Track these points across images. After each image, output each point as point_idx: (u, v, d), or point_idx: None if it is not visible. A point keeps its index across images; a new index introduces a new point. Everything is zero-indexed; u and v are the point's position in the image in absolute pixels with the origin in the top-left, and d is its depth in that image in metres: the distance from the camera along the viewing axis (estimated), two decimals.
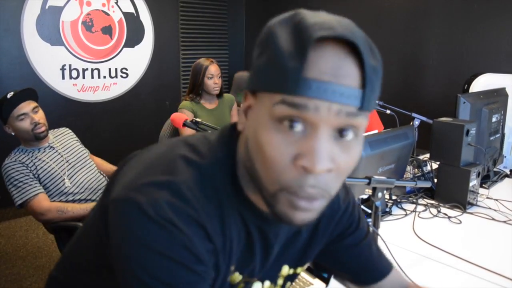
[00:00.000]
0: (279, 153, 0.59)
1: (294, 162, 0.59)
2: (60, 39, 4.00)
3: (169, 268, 0.62)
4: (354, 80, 0.58)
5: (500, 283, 1.30)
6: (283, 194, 0.61)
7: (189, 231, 0.63)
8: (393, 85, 4.06)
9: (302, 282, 1.23)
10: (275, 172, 0.60)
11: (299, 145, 0.59)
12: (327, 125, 0.58)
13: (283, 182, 0.61)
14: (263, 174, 0.63)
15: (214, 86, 3.00)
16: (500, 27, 3.29)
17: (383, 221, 1.77)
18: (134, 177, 0.67)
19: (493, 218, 1.81)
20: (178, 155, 0.69)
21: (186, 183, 0.66)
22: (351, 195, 0.94)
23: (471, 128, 1.91)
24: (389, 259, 0.99)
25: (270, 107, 0.59)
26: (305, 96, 0.56)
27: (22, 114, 2.18)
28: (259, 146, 0.61)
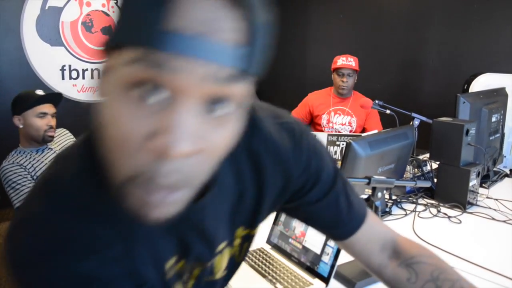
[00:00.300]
0: (127, 131, 0.45)
1: (147, 143, 0.45)
2: (60, 39, 4.00)
3: None
4: (232, 35, 0.45)
5: (501, 283, 1.30)
6: (133, 185, 0.47)
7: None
8: (392, 85, 4.06)
9: (302, 282, 1.24)
10: (122, 156, 0.47)
11: (154, 120, 0.44)
12: (193, 94, 0.44)
13: (132, 169, 0.47)
14: (108, 161, 0.49)
15: None
16: (500, 27, 3.28)
17: (383, 221, 1.77)
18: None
19: (493, 217, 1.81)
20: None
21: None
22: (306, 144, 0.74)
23: (471, 128, 1.91)
24: (364, 207, 0.86)
25: (120, 70, 0.45)
26: (163, 51, 0.42)
27: (43, 113, 2.23)
28: (104, 123, 0.48)
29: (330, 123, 3.21)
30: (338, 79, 3.15)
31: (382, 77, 4.14)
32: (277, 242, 1.45)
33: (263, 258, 1.38)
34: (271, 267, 1.33)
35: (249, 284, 1.25)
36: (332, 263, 1.23)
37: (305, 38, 4.85)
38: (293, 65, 5.03)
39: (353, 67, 3.10)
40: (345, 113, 3.20)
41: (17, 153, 2.23)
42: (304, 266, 1.31)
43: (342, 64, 3.11)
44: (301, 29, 4.86)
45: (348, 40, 4.39)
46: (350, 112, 3.19)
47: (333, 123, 3.20)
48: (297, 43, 4.94)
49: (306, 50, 4.86)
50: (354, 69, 3.12)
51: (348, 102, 3.22)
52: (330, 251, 1.25)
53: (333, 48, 4.52)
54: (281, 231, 1.45)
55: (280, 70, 5.21)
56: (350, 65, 3.10)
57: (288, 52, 5.06)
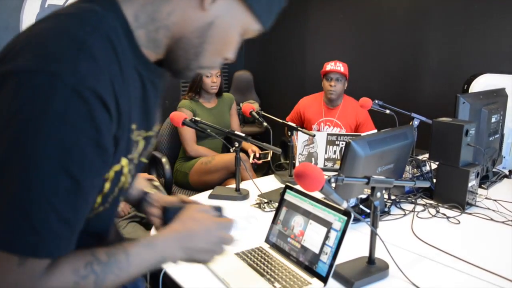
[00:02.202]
0: (231, 41, 0.82)
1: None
2: None
3: (82, 144, 0.62)
4: None
5: (499, 284, 1.30)
6: (199, 69, 0.82)
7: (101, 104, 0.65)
8: (392, 85, 4.06)
9: (300, 282, 1.23)
10: (218, 58, 0.84)
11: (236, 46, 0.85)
12: None
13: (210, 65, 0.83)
14: (206, 53, 0.80)
15: (212, 85, 2.98)
16: (500, 27, 3.28)
17: (382, 221, 1.77)
18: (40, 46, 0.63)
19: (492, 218, 1.81)
20: (76, 25, 0.66)
21: (96, 48, 0.65)
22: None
23: (470, 128, 1.90)
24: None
25: (246, 25, 0.83)
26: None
27: None
28: (227, 40, 0.81)
29: None
30: (327, 84, 3.16)
31: (382, 77, 4.13)
32: (275, 241, 1.45)
33: (261, 257, 1.38)
34: (270, 266, 1.32)
35: (247, 283, 1.25)
36: (331, 262, 1.22)
37: (305, 38, 4.85)
38: (292, 65, 5.02)
39: (341, 71, 3.11)
40: (334, 124, 3.20)
41: None
42: (303, 265, 1.30)
43: (331, 69, 3.12)
44: (301, 29, 4.86)
45: (348, 40, 4.39)
46: (339, 123, 3.19)
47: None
48: (297, 43, 4.94)
49: (306, 50, 4.85)
50: (343, 74, 3.12)
51: (336, 111, 3.22)
52: (328, 250, 1.25)
53: (333, 48, 4.52)
54: (279, 230, 1.44)
55: (280, 70, 5.21)
56: (339, 70, 3.10)
57: (288, 52, 5.06)
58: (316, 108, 3.26)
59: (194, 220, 0.88)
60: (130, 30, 0.73)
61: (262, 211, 1.88)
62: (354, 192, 1.70)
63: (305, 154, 2.50)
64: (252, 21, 0.81)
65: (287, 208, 1.45)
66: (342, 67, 3.12)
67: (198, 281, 1.29)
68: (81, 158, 0.62)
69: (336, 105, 3.23)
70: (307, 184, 1.11)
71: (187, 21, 0.76)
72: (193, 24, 0.76)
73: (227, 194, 2.04)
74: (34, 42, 0.64)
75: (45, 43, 0.63)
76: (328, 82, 3.15)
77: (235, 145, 2.05)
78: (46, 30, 0.65)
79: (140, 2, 0.74)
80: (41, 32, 0.66)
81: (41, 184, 0.60)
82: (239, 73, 5.34)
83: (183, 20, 0.75)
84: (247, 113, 2.43)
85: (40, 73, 0.59)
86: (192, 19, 0.76)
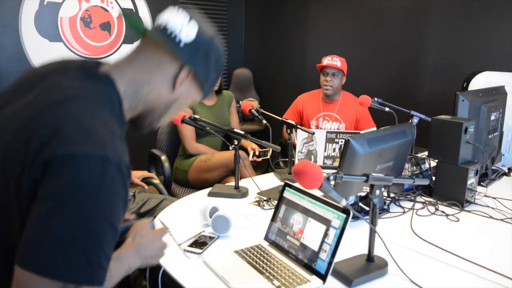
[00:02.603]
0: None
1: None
2: (59, 35, 3.99)
3: (120, 204, 0.87)
4: None
5: (498, 281, 1.30)
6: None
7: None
8: (392, 82, 4.06)
9: (299, 279, 1.23)
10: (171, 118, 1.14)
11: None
12: None
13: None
14: (166, 117, 1.09)
15: None
16: (500, 25, 3.28)
17: (381, 218, 1.77)
18: (92, 134, 0.84)
19: (491, 216, 1.81)
20: (103, 112, 0.91)
21: (118, 129, 0.92)
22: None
23: (469, 126, 1.90)
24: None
25: (196, 96, 1.10)
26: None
27: None
28: (182, 107, 1.11)
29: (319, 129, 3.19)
30: (323, 78, 3.13)
31: (381, 75, 4.13)
32: (274, 239, 1.45)
33: (260, 255, 1.38)
34: (269, 264, 1.33)
35: (246, 280, 1.25)
36: (330, 260, 1.23)
37: (304, 36, 4.85)
38: (292, 62, 5.02)
39: (338, 66, 3.06)
40: (333, 119, 3.17)
41: None
42: (302, 263, 1.31)
43: (327, 64, 3.08)
44: (300, 26, 4.85)
45: (347, 38, 4.38)
46: (338, 118, 3.17)
47: (321, 129, 3.18)
48: (296, 41, 4.93)
49: (305, 47, 4.85)
50: (339, 69, 3.07)
51: (335, 106, 3.19)
52: (327, 248, 1.25)
53: (332, 45, 4.51)
54: (279, 228, 1.44)
55: (279, 67, 5.20)
56: (335, 65, 3.06)
57: (287, 50, 5.05)
58: (314, 103, 3.24)
59: (141, 236, 1.18)
60: (121, 101, 0.97)
61: (261, 208, 1.88)
62: (353, 190, 1.70)
63: (304, 152, 2.50)
64: (199, 95, 1.11)
65: (286, 205, 1.45)
66: (339, 62, 3.07)
67: (197, 279, 1.29)
68: (119, 213, 0.87)
69: (334, 100, 3.20)
70: (306, 182, 1.11)
71: (160, 98, 1.04)
72: (164, 100, 1.05)
73: (226, 192, 2.04)
74: (80, 129, 0.84)
75: (90, 131, 0.84)
76: (324, 77, 3.12)
77: (234, 143, 2.05)
78: (84, 116, 0.87)
79: (128, 81, 0.98)
80: (80, 117, 0.86)
81: (97, 235, 0.83)
82: (238, 71, 5.33)
83: (158, 97, 1.04)
84: (246, 111, 2.43)
85: (96, 158, 0.82)
86: (164, 97, 1.05)
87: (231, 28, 5.39)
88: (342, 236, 1.23)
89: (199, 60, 1.03)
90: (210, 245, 1.49)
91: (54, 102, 0.88)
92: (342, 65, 3.09)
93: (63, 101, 0.88)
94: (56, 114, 0.86)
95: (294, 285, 1.21)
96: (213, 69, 1.07)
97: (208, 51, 1.04)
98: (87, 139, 0.83)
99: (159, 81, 1.02)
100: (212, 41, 1.05)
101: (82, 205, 0.80)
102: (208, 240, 1.52)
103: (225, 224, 1.56)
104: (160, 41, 1.00)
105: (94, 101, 0.91)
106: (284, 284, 1.21)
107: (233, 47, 5.45)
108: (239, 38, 5.56)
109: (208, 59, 1.05)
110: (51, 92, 0.91)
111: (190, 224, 1.67)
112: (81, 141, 0.82)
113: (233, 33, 5.44)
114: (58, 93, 0.90)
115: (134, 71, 1.00)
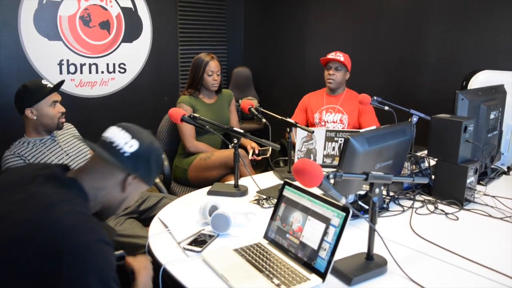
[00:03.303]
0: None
1: None
2: (58, 34, 3.99)
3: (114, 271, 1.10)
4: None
5: (497, 280, 1.30)
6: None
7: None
8: (391, 81, 4.06)
9: (299, 277, 1.24)
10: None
11: None
12: None
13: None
14: (119, 209, 1.34)
15: (213, 83, 2.98)
16: (499, 24, 3.28)
17: (380, 217, 1.77)
18: (84, 227, 1.08)
19: (490, 215, 1.81)
20: (84, 207, 1.19)
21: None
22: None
23: (469, 124, 1.91)
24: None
25: (144, 188, 1.34)
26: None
27: (55, 101, 2.27)
28: (133, 200, 1.37)
29: (322, 122, 3.21)
30: (326, 73, 3.19)
31: (381, 74, 4.13)
32: (274, 237, 1.45)
33: (260, 253, 1.38)
34: (268, 262, 1.33)
35: (246, 279, 1.25)
36: (329, 258, 1.23)
37: (304, 34, 4.84)
38: (291, 61, 5.01)
39: (341, 61, 3.11)
40: (336, 111, 3.20)
41: (20, 143, 2.23)
42: (301, 261, 1.31)
43: (330, 58, 3.14)
44: (300, 25, 4.85)
45: (347, 36, 4.38)
46: (341, 109, 3.19)
47: (324, 121, 3.20)
48: (296, 39, 4.93)
49: (305, 46, 4.85)
50: (343, 63, 3.13)
51: (339, 99, 3.22)
52: (327, 246, 1.25)
53: (332, 44, 4.51)
54: (278, 226, 1.44)
55: (279, 66, 5.20)
56: (338, 59, 3.11)
57: (287, 48, 5.05)
58: (318, 99, 3.29)
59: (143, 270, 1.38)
60: (88, 200, 1.22)
61: (261, 207, 1.88)
62: (353, 189, 1.70)
63: (303, 151, 2.50)
64: (147, 186, 1.33)
65: (285, 204, 1.45)
66: (342, 57, 3.13)
67: (197, 277, 1.29)
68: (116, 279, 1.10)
69: (338, 93, 3.24)
70: (306, 180, 1.11)
71: (115, 198, 1.29)
72: (117, 199, 1.30)
73: (226, 191, 2.04)
74: (78, 225, 1.07)
75: (85, 224, 1.09)
76: (327, 71, 3.18)
77: (234, 142, 2.05)
78: (74, 218, 1.10)
79: (89, 188, 1.22)
80: (72, 218, 1.09)
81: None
82: (238, 70, 5.33)
83: (112, 198, 1.29)
84: (246, 110, 2.43)
85: (97, 241, 1.06)
86: (117, 197, 1.29)
87: (231, 27, 5.39)
88: (342, 235, 1.23)
89: (141, 166, 1.25)
90: (210, 243, 1.49)
91: (46, 205, 1.10)
92: (345, 60, 3.14)
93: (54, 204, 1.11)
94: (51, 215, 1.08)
95: (294, 283, 1.21)
96: (154, 169, 1.29)
97: (148, 156, 1.26)
98: (87, 230, 1.07)
99: (111, 186, 1.26)
100: (151, 146, 1.28)
101: (102, 280, 1.05)
102: (207, 239, 1.52)
103: (224, 223, 1.56)
104: (108, 158, 1.20)
105: (81, 206, 1.17)
106: (284, 283, 1.21)
107: (232, 45, 5.45)
108: (238, 36, 5.55)
109: (150, 163, 1.27)
110: (39, 199, 1.13)
111: (190, 223, 1.67)
112: (82, 233, 1.06)
113: (233, 32, 5.44)
114: (45, 199, 1.12)
115: (92, 179, 1.24)
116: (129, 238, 2.03)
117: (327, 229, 1.27)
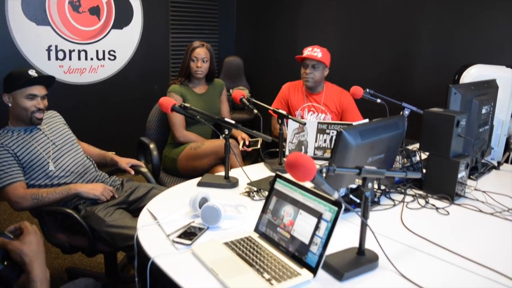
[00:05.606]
0: None
1: None
2: (46, 18, 3.91)
3: None
4: None
5: (487, 275, 1.30)
6: None
7: None
8: (383, 74, 4.05)
9: (289, 272, 1.22)
10: None
11: None
12: None
13: None
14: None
15: (197, 70, 2.92)
16: (492, 18, 3.28)
17: (371, 211, 1.76)
18: None
19: (480, 210, 1.81)
20: None
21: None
22: None
23: (461, 119, 1.90)
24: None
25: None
26: None
27: (32, 95, 2.19)
28: None
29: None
30: (303, 70, 3.00)
31: (373, 66, 4.12)
32: (265, 230, 1.43)
33: (250, 247, 1.37)
34: (259, 256, 1.31)
35: (235, 272, 1.23)
36: (321, 253, 1.21)
37: (296, 25, 4.81)
38: (283, 51, 4.98)
39: (318, 58, 2.91)
40: (319, 111, 3.08)
41: (4, 132, 2.19)
42: (292, 256, 1.29)
43: (307, 55, 2.93)
44: (292, 15, 4.81)
45: (339, 28, 4.36)
46: (324, 110, 3.07)
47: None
48: (288, 29, 4.89)
49: (297, 36, 4.81)
50: (320, 61, 2.92)
51: (321, 97, 3.08)
52: (318, 241, 1.23)
53: (324, 35, 4.48)
54: (269, 219, 1.43)
55: (271, 56, 5.16)
56: (315, 56, 2.91)
57: (279, 38, 5.01)
58: (298, 94, 3.13)
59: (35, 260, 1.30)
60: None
61: (252, 199, 1.86)
62: (345, 182, 1.69)
63: (295, 142, 2.48)
64: None
65: (277, 197, 1.44)
66: (319, 53, 2.93)
67: (186, 271, 1.28)
68: None
69: (318, 91, 3.09)
70: (299, 174, 1.10)
71: None
72: None
73: (216, 182, 2.02)
74: None
75: None
76: (304, 69, 2.99)
77: (225, 132, 2.02)
78: None
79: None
80: None
81: None
82: (229, 59, 5.28)
83: None
84: (237, 100, 2.40)
85: None
86: None
87: (223, 16, 5.33)
88: (334, 229, 1.22)
89: None
90: (200, 236, 1.47)
91: None
92: (323, 57, 2.94)
93: None
94: None
95: (285, 278, 1.20)
96: None
97: None
98: None
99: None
100: None
101: None
102: (197, 231, 1.50)
103: (215, 215, 1.54)
104: None
105: None
106: (275, 277, 1.20)
107: (224, 35, 5.39)
108: (230, 26, 5.50)
109: None
110: None
111: (179, 215, 1.65)
112: None
113: (225, 21, 5.38)
114: None
115: None
116: (119, 229, 2.01)
117: (318, 223, 1.26)
